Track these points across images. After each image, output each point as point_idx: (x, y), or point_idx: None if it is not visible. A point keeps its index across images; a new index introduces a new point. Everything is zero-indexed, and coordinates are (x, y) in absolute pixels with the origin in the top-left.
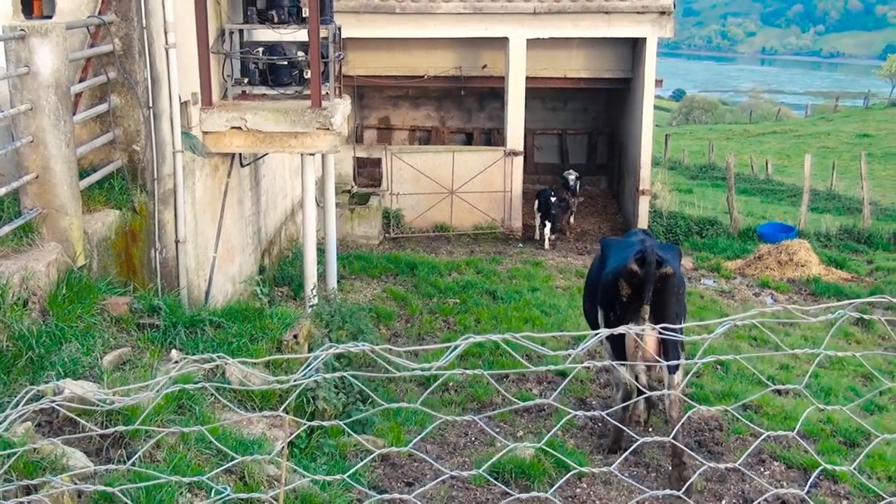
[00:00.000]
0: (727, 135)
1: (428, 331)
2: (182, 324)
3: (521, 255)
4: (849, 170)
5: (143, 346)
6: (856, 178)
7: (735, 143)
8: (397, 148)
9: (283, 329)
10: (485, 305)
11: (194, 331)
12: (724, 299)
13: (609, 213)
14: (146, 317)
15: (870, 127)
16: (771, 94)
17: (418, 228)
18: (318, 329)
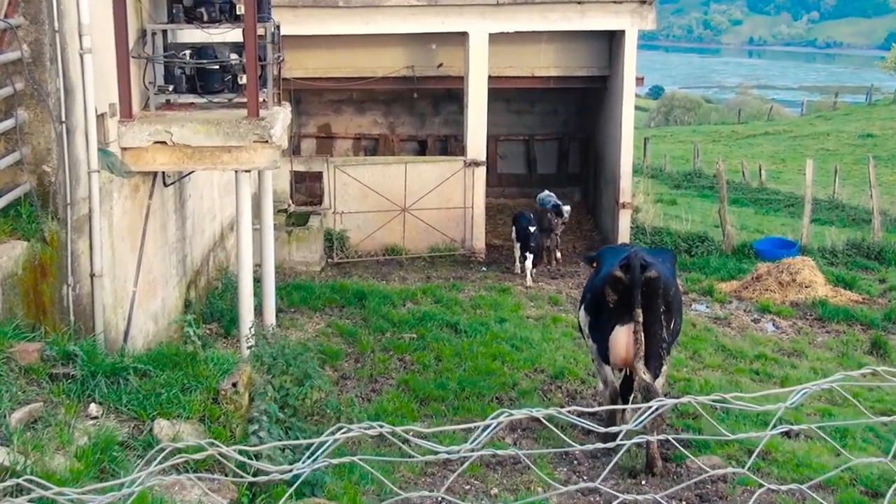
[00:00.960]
0: (713, 137)
1: (382, 371)
2: (102, 372)
3: (485, 281)
4: (852, 175)
5: (58, 400)
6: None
7: (723, 147)
8: (340, 160)
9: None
10: (446, 340)
11: (116, 380)
12: (720, 327)
13: (584, 230)
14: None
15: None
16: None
17: (366, 252)
18: (260, 375)
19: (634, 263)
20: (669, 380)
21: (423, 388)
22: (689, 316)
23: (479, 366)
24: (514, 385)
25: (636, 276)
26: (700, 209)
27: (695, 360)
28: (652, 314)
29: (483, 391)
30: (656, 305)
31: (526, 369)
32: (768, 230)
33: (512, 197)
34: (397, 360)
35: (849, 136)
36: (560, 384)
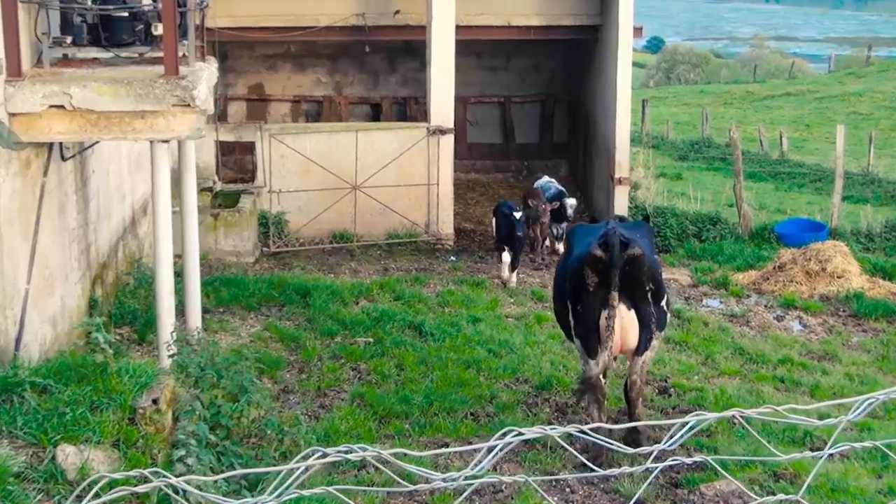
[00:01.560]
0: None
1: (331, 383)
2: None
3: (454, 273)
4: (889, 143)
5: None
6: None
7: (736, 110)
8: (277, 127)
9: (137, 391)
10: (409, 345)
11: (9, 398)
12: (737, 326)
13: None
14: None
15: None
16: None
17: (310, 239)
18: (185, 389)
19: (613, 241)
20: (678, 389)
21: (383, 402)
22: (700, 313)
23: (449, 375)
24: (491, 398)
25: (616, 255)
26: (710, 185)
27: (708, 366)
28: (640, 294)
29: (455, 406)
30: (643, 285)
31: (506, 379)
32: (792, 210)
33: (485, 171)
34: (350, 370)
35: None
36: (547, 396)
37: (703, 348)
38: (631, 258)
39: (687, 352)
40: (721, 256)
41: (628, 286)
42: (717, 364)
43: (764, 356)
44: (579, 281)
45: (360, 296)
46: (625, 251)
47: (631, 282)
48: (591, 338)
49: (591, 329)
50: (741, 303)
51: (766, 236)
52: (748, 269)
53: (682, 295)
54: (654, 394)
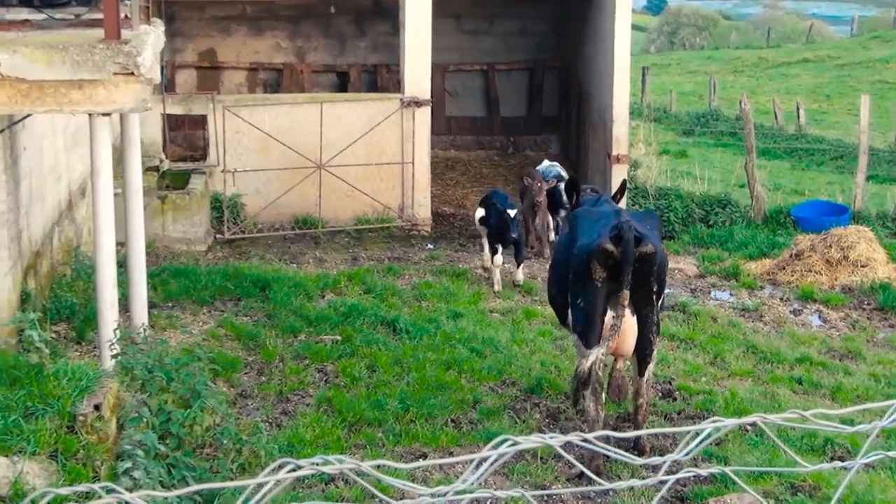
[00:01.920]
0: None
1: (295, 387)
2: None
3: (431, 263)
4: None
5: None
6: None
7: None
8: (231, 98)
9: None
10: (381, 343)
11: None
12: (749, 321)
13: None
14: None
15: None
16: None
17: (269, 224)
18: (131, 394)
19: (628, 236)
20: (683, 392)
21: (352, 408)
22: (708, 307)
23: (426, 378)
24: (475, 403)
25: (629, 251)
26: (719, 163)
27: (717, 367)
28: (646, 295)
29: (433, 412)
30: (650, 284)
31: (491, 381)
32: (810, 191)
33: (466, 148)
34: (315, 372)
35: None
36: (537, 401)
37: (711, 346)
38: (643, 256)
39: (693, 350)
40: (731, 243)
41: (635, 286)
42: (727, 364)
43: (779, 355)
44: (584, 274)
45: (327, 288)
46: (638, 247)
47: (638, 281)
48: (589, 332)
49: (591, 325)
50: (754, 295)
51: (782, 221)
52: (761, 257)
53: (688, 287)
54: (657, 397)
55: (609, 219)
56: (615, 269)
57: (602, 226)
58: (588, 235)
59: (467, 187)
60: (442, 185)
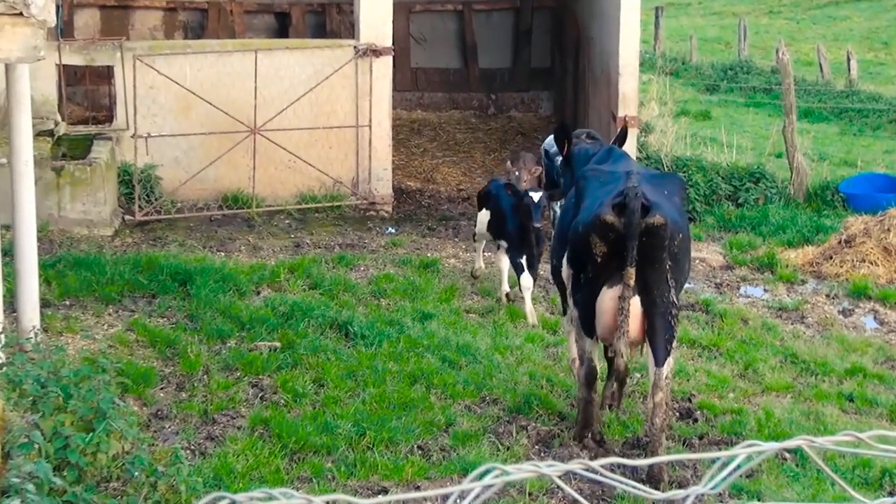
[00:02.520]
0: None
1: (223, 405)
2: None
3: (393, 250)
4: None
5: None
6: None
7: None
8: (144, 45)
9: None
10: (331, 351)
11: None
12: (788, 324)
13: None
14: None
15: None
16: None
17: (191, 203)
18: (18, 413)
19: (634, 205)
20: (705, 413)
21: (295, 432)
22: (737, 305)
23: (387, 394)
24: (447, 425)
25: (634, 223)
26: (751, 127)
27: (747, 379)
28: (656, 273)
29: (395, 436)
30: (661, 261)
31: (467, 399)
32: (864, 162)
33: (437, 108)
34: (249, 387)
35: None
36: (525, 423)
37: (740, 355)
38: (650, 228)
39: (719, 360)
40: (766, 227)
41: (644, 263)
42: (761, 376)
43: (825, 365)
44: (583, 248)
45: (263, 283)
46: (644, 219)
47: (646, 258)
48: (590, 314)
49: (590, 303)
50: (793, 291)
51: (829, 198)
52: (803, 243)
53: (713, 281)
54: (672, 418)
55: (617, 183)
56: (618, 244)
57: (608, 192)
58: (592, 201)
59: (438, 157)
60: (406, 153)
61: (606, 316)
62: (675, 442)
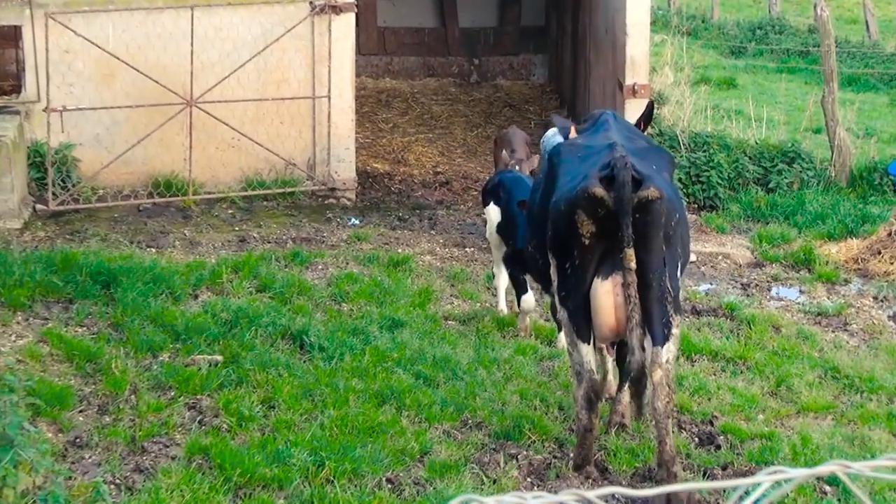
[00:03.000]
0: None
1: (154, 431)
2: None
3: (357, 246)
4: None
5: None
6: None
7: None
8: (58, 1)
9: None
10: (283, 366)
11: None
12: (827, 331)
13: None
14: None
15: None
16: None
17: (116, 189)
18: None
19: (623, 176)
20: (730, 438)
21: (240, 462)
22: (768, 310)
23: (350, 417)
24: (422, 454)
25: (625, 196)
26: (784, 98)
27: (780, 398)
28: (651, 255)
29: (360, 467)
30: (656, 241)
31: (446, 422)
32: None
33: (409, 75)
34: (185, 408)
35: None
36: (514, 451)
37: (772, 369)
38: (644, 203)
39: (746, 375)
40: (801, 216)
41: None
42: (796, 395)
43: (873, 381)
44: (567, 229)
45: (201, 284)
46: (637, 192)
47: (641, 237)
48: (582, 312)
49: (583, 299)
50: (835, 292)
51: (876, 182)
52: (846, 236)
53: (738, 281)
54: (689, 444)
55: (600, 155)
56: (608, 222)
57: (590, 165)
58: (572, 176)
59: (410, 134)
60: (373, 129)
61: (604, 313)
62: (694, 472)
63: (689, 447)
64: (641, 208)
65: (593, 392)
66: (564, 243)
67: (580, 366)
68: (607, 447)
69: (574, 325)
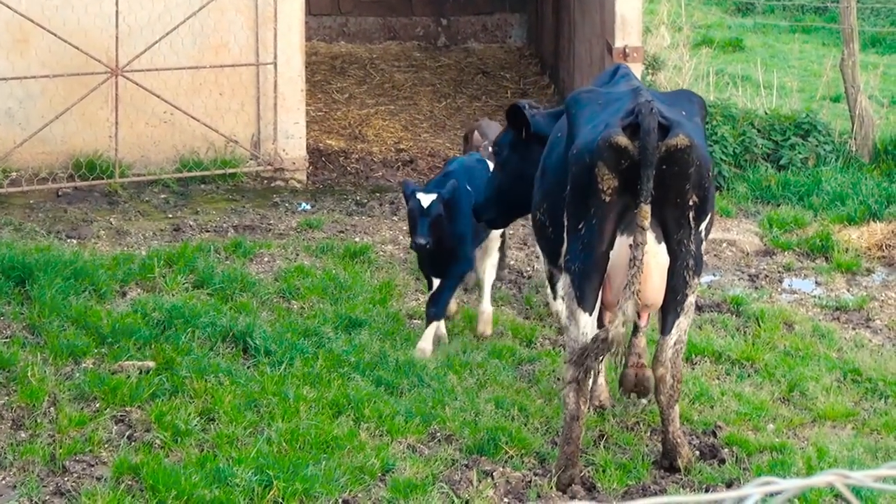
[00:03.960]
0: None
1: (77, 448)
2: None
3: (308, 234)
4: None
5: None
6: None
7: None
8: None
9: None
10: (224, 373)
11: None
12: (847, 328)
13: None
14: None
15: None
16: None
17: (31, 171)
18: None
19: (649, 122)
20: (735, 451)
21: (176, 483)
22: (779, 304)
23: (301, 430)
24: (384, 472)
25: (651, 145)
26: (797, 62)
27: (793, 405)
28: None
29: (313, 488)
30: (684, 196)
31: (411, 435)
32: None
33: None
34: (112, 423)
35: None
36: (489, 467)
37: (784, 372)
38: (672, 152)
39: (754, 379)
40: (817, 197)
41: (661, 198)
42: (811, 401)
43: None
44: (587, 184)
45: (130, 280)
46: (665, 140)
47: (667, 191)
48: (590, 275)
49: (594, 261)
50: (856, 284)
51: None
52: (868, 220)
53: (745, 271)
54: (693, 456)
55: (623, 102)
56: (632, 175)
57: (612, 112)
58: (591, 126)
59: (369, 105)
60: (326, 101)
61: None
62: (695, 490)
63: (690, 461)
64: (668, 158)
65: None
66: (582, 200)
67: (575, 342)
68: (595, 462)
69: (577, 292)
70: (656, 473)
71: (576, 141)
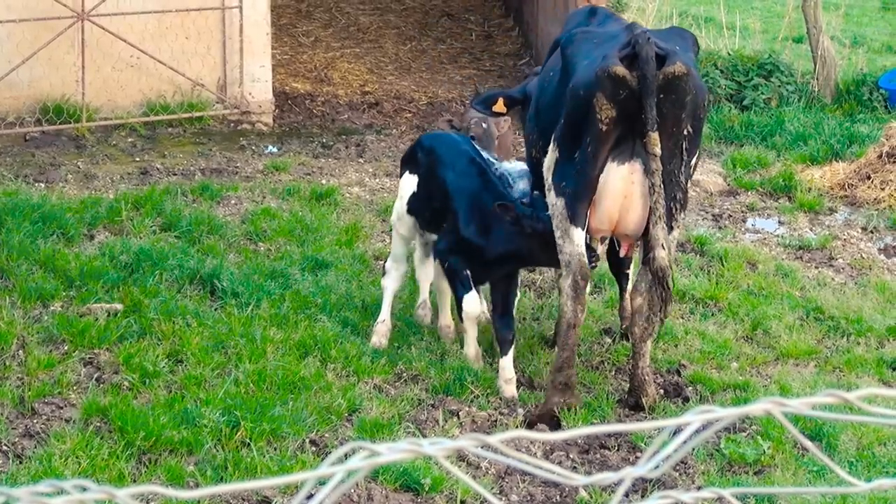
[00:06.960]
0: None
1: (46, 390)
2: None
3: (275, 177)
4: None
5: None
6: None
7: None
8: None
9: None
10: (191, 315)
11: None
12: (810, 267)
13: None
14: None
15: None
16: None
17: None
18: None
19: (647, 51)
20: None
21: (144, 425)
22: (743, 244)
23: (268, 371)
24: (351, 412)
25: (650, 73)
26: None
27: (756, 343)
28: (672, 141)
29: (280, 429)
30: (680, 125)
31: (377, 376)
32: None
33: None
34: (81, 365)
35: None
36: (455, 406)
37: (747, 310)
38: (670, 80)
39: (717, 318)
40: (780, 137)
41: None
42: (775, 339)
43: (860, 322)
44: (584, 115)
45: (98, 224)
46: (663, 68)
47: (664, 120)
48: (582, 196)
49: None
50: (818, 223)
51: (865, 98)
52: (831, 159)
53: (709, 211)
54: (658, 395)
55: (619, 39)
56: (628, 105)
57: (609, 47)
58: (589, 62)
59: (334, 48)
60: (292, 44)
61: (611, 199)
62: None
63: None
64: (667, 87)
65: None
66: (577, 132)
67: (570, 255)
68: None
69: (569, 211)
70: (621, 412)
71: (574, 75)
